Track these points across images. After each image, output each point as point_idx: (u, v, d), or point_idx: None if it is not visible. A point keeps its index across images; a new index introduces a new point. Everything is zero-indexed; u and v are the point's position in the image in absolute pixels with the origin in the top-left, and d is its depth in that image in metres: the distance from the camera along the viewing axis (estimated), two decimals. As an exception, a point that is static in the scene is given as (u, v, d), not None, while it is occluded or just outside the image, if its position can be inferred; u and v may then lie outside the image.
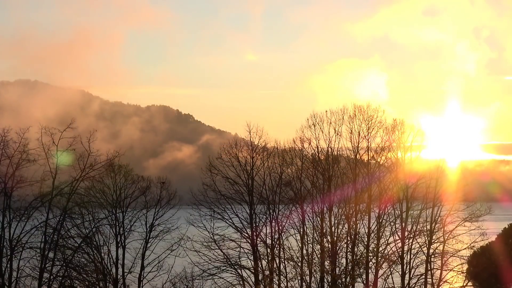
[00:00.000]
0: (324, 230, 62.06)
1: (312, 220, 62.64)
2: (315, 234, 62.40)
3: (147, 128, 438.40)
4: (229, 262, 61.15)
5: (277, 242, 61.85)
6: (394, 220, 64.52)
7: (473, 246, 64.85)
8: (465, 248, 65.11)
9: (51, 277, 53.50)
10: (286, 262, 61.93)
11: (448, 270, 65.40)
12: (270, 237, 61.85)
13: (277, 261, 61.81)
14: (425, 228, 64.99)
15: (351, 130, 63.22)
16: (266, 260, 61.72)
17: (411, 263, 64.59)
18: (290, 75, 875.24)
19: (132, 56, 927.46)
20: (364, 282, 63.22)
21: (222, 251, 61.14)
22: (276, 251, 61.90)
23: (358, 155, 63.76)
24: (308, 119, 63.44)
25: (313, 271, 61.64)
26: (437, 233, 65.29)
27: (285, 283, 61.71)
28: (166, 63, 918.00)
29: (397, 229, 64.51)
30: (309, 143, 63.41)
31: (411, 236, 64.68)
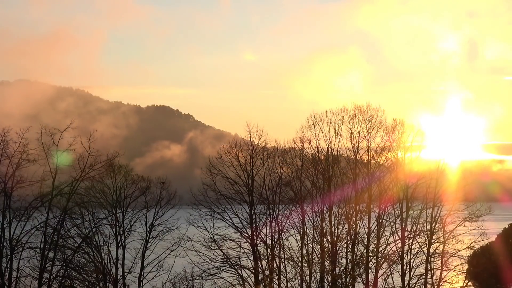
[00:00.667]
0: (324, 230, 62.05)
1: (312, 220, 62.66)
2: (315, 234, 62.42)
3: (145, 126, 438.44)
4: (229, 262, 61.15)
5: (277, 242, 61.85)
6: (394, 220, 64.53)
7: (473, 246, 64.83)
8: (465, 248, 65.10)
9: (51, 277, 53.47)
10: (286, 262, 61.96)
11: (448, 270, 65.41)
12: (270, 237, 61.87)
13: (277, 261, 61.82)
14: (425, 228, 65.01)
15: (351, 130, 63.29)
16: (266, 260, 61.74)
17: (411, 263, 64.60)
18: (286, 73, 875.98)
19: (132, 56, 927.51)
20: (364, 282, 63.23)
21: (222, 251, 61.15)
22: (276, 251, 61.91)
23: (358, 155, 63.79)
24: (308, 119, 63.58)
25: (313, 271, 61.65)
26: (437, 233, 65.31)
27: (285, 283, 61.71)
28: (165, 62, 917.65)
29: (397, 229, 64.53)
30: (309, 143, 63.51)
31: (411, 236, 64.69)
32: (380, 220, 63.85)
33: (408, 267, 64.33)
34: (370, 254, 63.24)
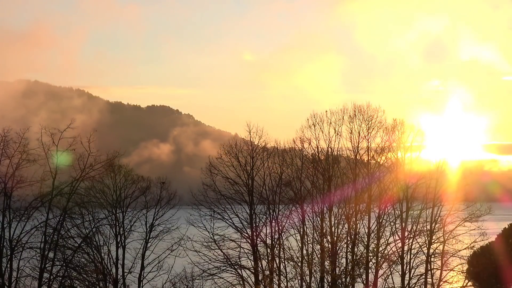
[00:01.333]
0: (324, 230, 62.05)
1: (312, 220, 62.64)
2: (315, 234, 62.41)
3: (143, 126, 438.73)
4: (229, 262, 61.13)
5: (277, 242, 61.84)
6: (394, 220, 64.51)
7: (473, 246, 64.84)
8: (465, 248, 65.07)
9: (51, 277, 53.49)
10: (286, 262, 61.94)
11: (448, 270, 65.39)
12: (270, 237, 61.85)
13: (277, 261, 61.81)
14: (425, 228, 64.99)
15: (351, 130, 63.25)
16: (266, 260, 61.71)
17: (411, 263, 64.57)
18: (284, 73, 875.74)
19: (131, 56, 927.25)
20: (364, 282, 63.22)
21: (222, 251, 61.12)
22: (276, 251, 61.89)
23: (358, 155, 63.76)
24: (308, 119, 63.55)
25: (313, 271, 61.64)
26: (437, 233, 65.28)
27: (285, 283, 61.71)
28: (165, 63, 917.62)
29: (397, 229, 64.51)
30: (309, 143, 63.46)
31: (411, 236, 64.68)
32: (380, 220, 63.83)
33: (408, 267, 64.31)
34: (370, 254, 63.23)
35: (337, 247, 62.27)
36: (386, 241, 64.22)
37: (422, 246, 64.98)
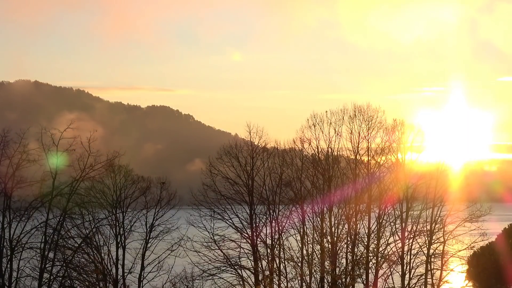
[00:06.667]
0: (324, 231, 62.07)
1: (312, 220, 62.68)
2: (315, 234, 62.44)
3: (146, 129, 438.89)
4: (229, 263, 61.17)
5: (277, 242, 61.87)
6: (394, 221, 64.55)
7: (473, 247, 64.82)
8: (465, 249, 65.08)
9: (51, 277, 53.47)
10: (286, 263, 61.97)
11: (448, 270, 65.42)
12: (270, 237, 61.89)
13: (277, 261, 61.83)
14: (425, 229, 65.03)
15: (351, 131, 63.34)
16: (266, 261, 61.74)
17: (411, 264, 64.62)
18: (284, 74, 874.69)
19: (131, 56, 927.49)
20: (364, 282, 63.23)
21: (222, 252, 61.16)
22: (276, 252, 61.92)
23: (358, 155, 63.81)
24: (308, 120, 63.62)
25: (313, 271, 61.67)
26: (437, 233, 65.33)
27: (285, 284, 61.73)
28: (164, 63, 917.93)
29: (397, 230, 64.55)
30: (309, 144, 63.54)
31: (411, 236, 64.72)
32: (380, 221, 63.86)
33: (408, 268, 64.34)
34: (370, 255, 63.26)
35: (337, 247, 62.29)
36: (386, 242, 64.26)
37: (422, 247, 65.03)
